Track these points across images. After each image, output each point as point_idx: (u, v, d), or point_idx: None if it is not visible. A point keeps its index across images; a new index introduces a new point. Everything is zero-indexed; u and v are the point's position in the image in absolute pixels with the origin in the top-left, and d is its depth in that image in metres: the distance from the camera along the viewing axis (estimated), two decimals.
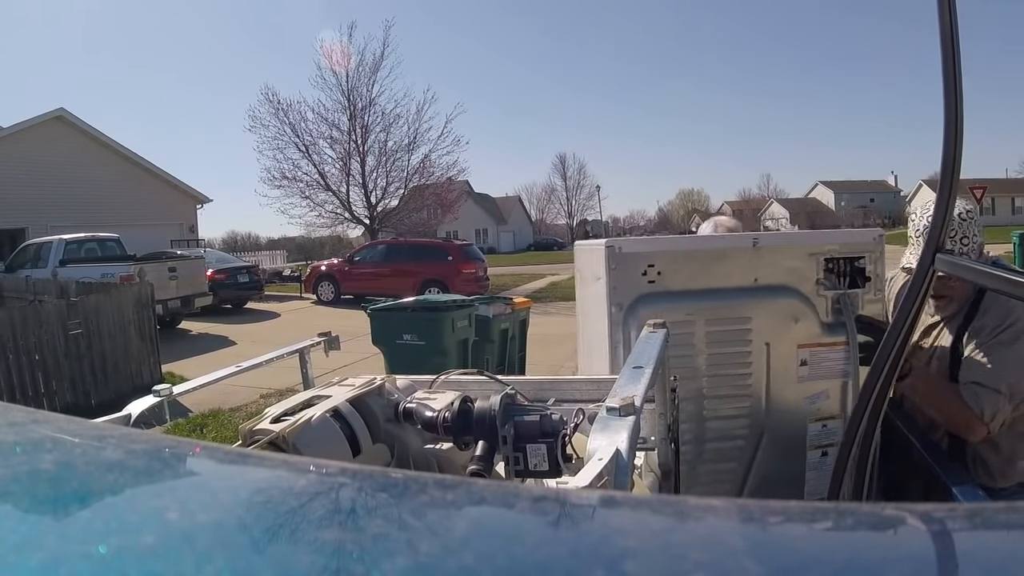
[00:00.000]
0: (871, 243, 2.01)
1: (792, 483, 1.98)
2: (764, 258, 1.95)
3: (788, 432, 1.97)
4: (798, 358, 1.96)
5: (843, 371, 1.98)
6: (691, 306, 1.90)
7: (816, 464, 2.01)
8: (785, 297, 1.95)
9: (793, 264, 1.96)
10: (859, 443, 1.40)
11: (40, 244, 12.99)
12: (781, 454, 1.97)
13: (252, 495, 0.45)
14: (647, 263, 1.91)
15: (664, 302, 1.89)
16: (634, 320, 1.89)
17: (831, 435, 2.00)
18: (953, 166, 1.11)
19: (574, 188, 64.08)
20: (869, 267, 1.99)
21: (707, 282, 1.94)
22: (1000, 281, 1.08)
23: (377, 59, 20.58)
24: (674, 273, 1.92)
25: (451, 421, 1.14)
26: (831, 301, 1.97)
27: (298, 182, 20.80)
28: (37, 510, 0.42)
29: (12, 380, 5.81)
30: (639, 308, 1.90)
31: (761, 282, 1.95)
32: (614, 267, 1.92)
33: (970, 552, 0.35)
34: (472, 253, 15.76)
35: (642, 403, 0.85)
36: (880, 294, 2.01)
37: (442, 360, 5.12)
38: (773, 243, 1.99)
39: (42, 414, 0.65)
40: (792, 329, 1.95)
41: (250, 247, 43.26)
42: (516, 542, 0.36)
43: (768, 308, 1.93)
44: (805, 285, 1.96)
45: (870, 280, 2.00)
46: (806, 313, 1.96)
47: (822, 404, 1.99)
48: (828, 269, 1.97)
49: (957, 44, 1.04)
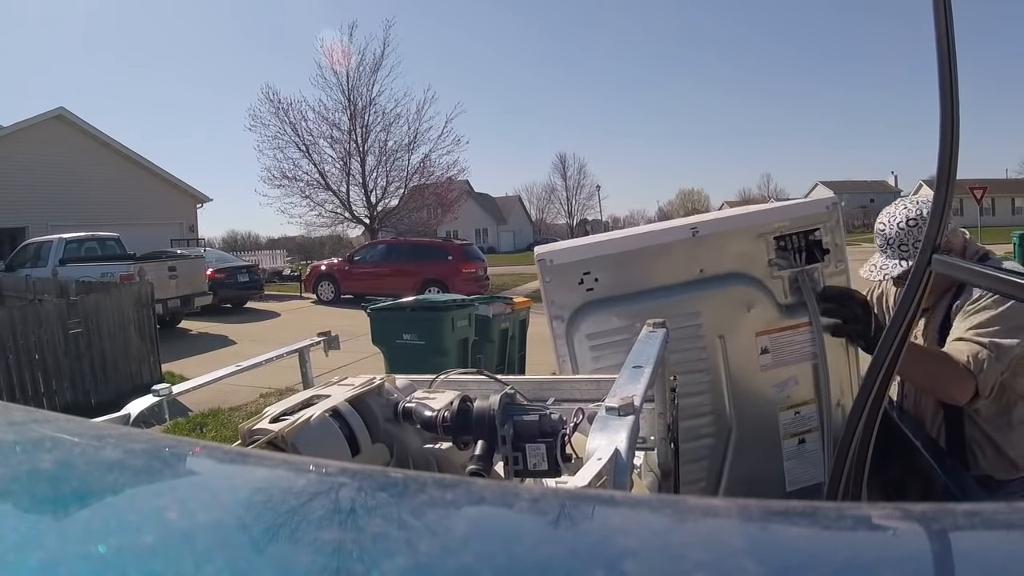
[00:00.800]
0: (824, 213, 1.85)
1: (770, 476, 1.89)
2: (707, 247, 1.82)
3: (759, 424, 1.87)
4: (758, 347, 1.84)
5: (810, 353, 1.86)
6: (634, 309, 1.79)
7: (794, 453, 1.90)
8: (735, 285, 1.82)
9: (740, 248, 1.83)
10: (858, 442, 1.40)
11: (40, 243, 13.00)
12: (754, 448, 1.88)
13: (251, 495, 0.45)
14: (582, 271, 1.81)
15: (606, 309, 1.80)
16: (576, 332, 1.81)
17: (806, 421, 1.90)
18: (949, 168, 1.12)
19: (574, 188, 64.03)
20: (826, 238, 1.84)
21: (650, 281, 1.82)
22: (994, 281, 1.09)
23: (377, 58, 20.63)
24: (613, 277, 1.81)
25: (450, 421, 1.14)
26: (788, 281, 1.84)
27: (298, 181, 20.84)
28: (37, 509, 0.42)
29: (12, 379, 5.81)
30: (580, 319, 1.81)
31: (708, 273, 1.82)
32: (548, 280, 1.83)
33: (970, 552, 0.35)
34: (472, 253, 15.77)
35: (641, 403, 0.85)
36: (842, 265, 1.87)
37: (442, 360, 5.13)
38: (715, 230, 1.85)
39: (42, 413, 0.65)
40: (747, 317, 1.83)
41: (250, 247, 43.24)
42: (515, 542, 0.36)
43: (717, 299, 1.81)
44: (756, 268, 1.83)
45: (829, 252, 1.84)
46: (760, 298, 1.83)
47: (791, 391, 1.88)
48: (780, 247, 1.83)
49: (953, 45, 1.04)
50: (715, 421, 1.88)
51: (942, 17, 1.03)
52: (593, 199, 61.44)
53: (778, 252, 1.83)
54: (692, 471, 1.86)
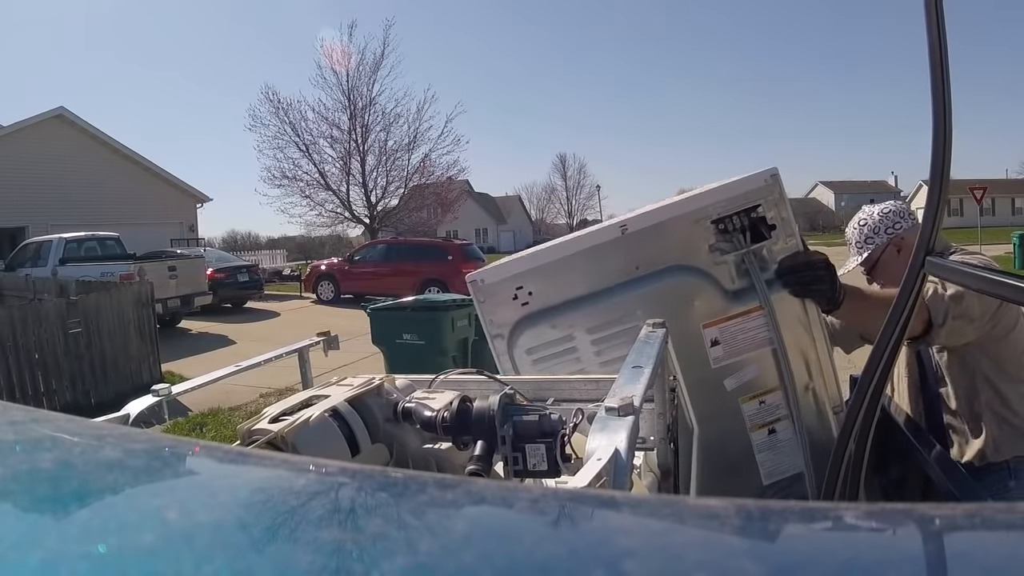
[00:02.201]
0: (763, 187, 1.72)
1: (743, 470, 1.81)
2: (640, 243, 1.73)
3: (722, 420, 1.79)
4: (707, 339, 1.75)
5: (766, 338, 1.75)
6: (571, 318, 1.74)
7: (766, 444, 1.81)
8: (675, 277, 1.73)
9: (675, 239, 1.73)
10: (855, 442, 1.40)
11: (40, 243, 13.00)
12: (721, 444, 1.80)
13: (251, 495, 0.45)
14: (515, 287, 1.77)
15: (543, 321, 1.76)
16: (516, 348, 1.78)
17: (773, 410, 1.80)
18: (943, 170, 1.12)
19: (574, 188, 63.95)
20: (770, 213, 1.71)
21: (585, 287, 1.75)
22: (986, 283, 1.10)
23: (377, 58, 20.69)
24: (547, 288, 1.76)
25: (450, 421, 1.14)
26: (734, 265, 1.74)
27: (298, 181, 20.89)
28: (36, 509, 0.42)
29: (12, 379, 5.81)
30: (519, 334, 1.78)
31: (644, 270, 1.73)
32: (483, 300, 1.79)
33: (970, 552, 0.35)
34: (472, 253, 15.78)
35: (641, 403, 0.85)
36: (792, 239, 1.74)
37: (442, 359, 5.13)
38: (645, 224, 1.75)
39: (41, 413, 0.65)
40: (691, 310, 1.74)
41: (250, 246, 43.18)
42: (515, 542, 0.36)
43: (655, 296, 1.72)
44: (697, 257, 1.73)
45: (775, 227, 1.72)
46: (704, 288, 1.74)
47: (751, 380, 1.79)
48: (721, 231, 1.72)
49: (944, 46, 1.05)
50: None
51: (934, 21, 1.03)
52: (593, 199, 61.40)
53: (719, 236, 1.72)
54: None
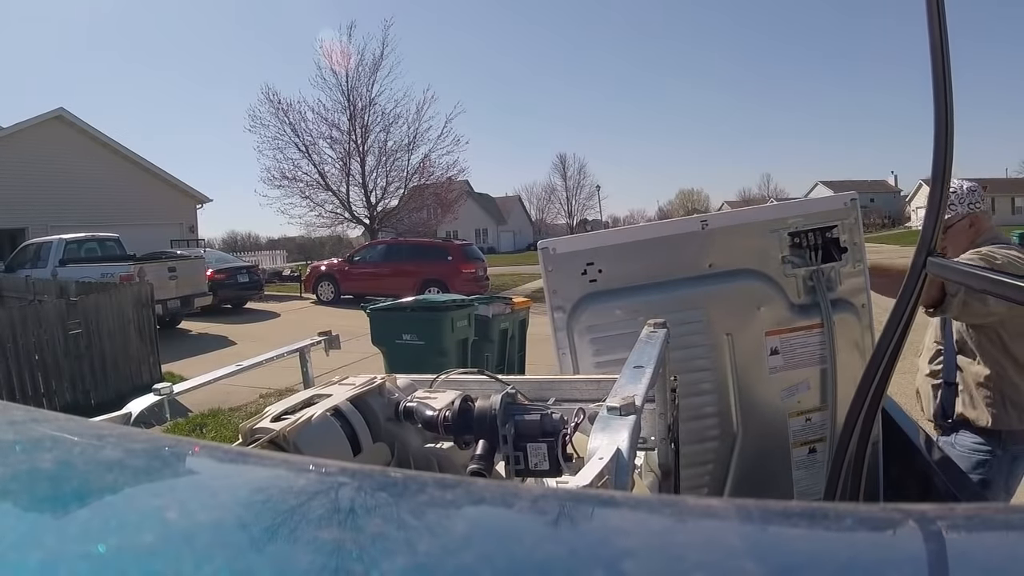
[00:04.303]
0: (842, 209, 1.76)
1: (778, 484, 1.82)
2: (717, 241, 1.76)
3: (766, 430, 1.80)
4: (767, 347, 1.77)
5: (822, 357, 1.78)
6: (637, 303, 1.74)
7: (804, 462, 1.83)
8: (745, 281, 1.76)
9: (751, 244, 1.76)
10: (856, 442, 1.40)
11: (40, 244, 12.99)
12: (761, 454, 1.81)
13: (252, 494, 0.45)
14: (586, 261, 1.77)
15: (609, 301, 1.76)
16: (577, 324, 1.77)
17: (817, 429, 1.82)
18: (944, 169, 1.12)
19: (574, 188, 63.92)
20: (844, 236, 1.76)
21: (654, 275, 1.77)
22: (988, 282, 1.10)
23: (377, 59, 20.62)
24: (617, 269, 1.77)
25: (451, 420, 1.14)
26: (802, 280, 1.77)
27: (298, 182, 20.84)
28: (37, 509, 0.42)
29: (12, 379, 5.81)
30: (582, 310, 1.77)
31: (717, 268, 1.76)
32: (551, 269, 1.80)
33: (970, 553, 0.35)
34: (472, 253, 15.77)
35: (643, 403, 0.85)
36: (860, 265, 1.79)
37: (442, 360, 5.12)
38: (725, 223, 1.78)
39: (42, 413, 0.65)
40: (757, 316, 1.76)
41: (250, 247, 43.27)
42: (516, 542, 0.36)
43: (726, 295, 1.75)
44: (769, 265, 1.76)
45: (847, 251, 1.76)
46: (772, 297, 1.76)
47: (802, 396, 1.80)
48: (795, 244, 1.75)
49: (945, 46, 1.05)
50: (720, 424, 1.81)
51: (935, 24, 1.03)
52: (593, 199, 61.41)
53: (792, 249, 1.76)
54: (695, 475, 1.81)
